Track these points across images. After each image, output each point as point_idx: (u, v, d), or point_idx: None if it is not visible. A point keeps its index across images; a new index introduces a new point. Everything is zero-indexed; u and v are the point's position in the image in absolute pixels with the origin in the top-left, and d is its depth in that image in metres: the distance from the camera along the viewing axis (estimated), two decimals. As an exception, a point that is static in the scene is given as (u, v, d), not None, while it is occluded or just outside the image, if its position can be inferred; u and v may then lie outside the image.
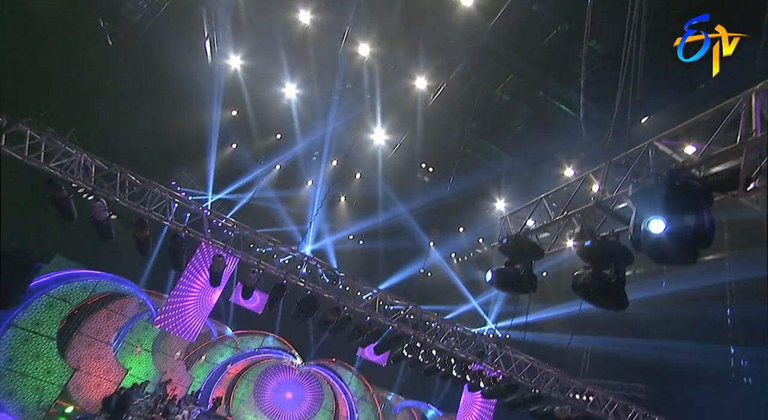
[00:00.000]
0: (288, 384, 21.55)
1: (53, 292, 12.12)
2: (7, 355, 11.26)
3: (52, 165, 6.85)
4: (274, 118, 16.96)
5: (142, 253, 8.31)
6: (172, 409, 14.74)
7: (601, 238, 4.89)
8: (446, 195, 15.19)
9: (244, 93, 15.92)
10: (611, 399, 9.25)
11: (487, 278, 5.93)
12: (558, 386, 9.21)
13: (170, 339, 18.01)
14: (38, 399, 11.16)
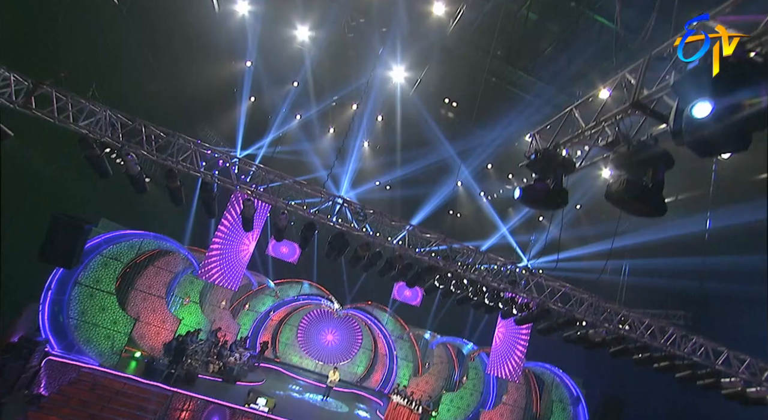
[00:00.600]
0: (328, 327, 22.89)
1: (105, 252, 12.99)
2: (78, 309, 12.46)
3: (81, 124, 6.95)
4: (289, 65, 16.46)
5: (177, 203, 8.59)
6: (224, 353, 16.04)
7: (637, 142, 4.56)
8: (473, 130, 14.71)
9: (255, 41, 15.39)
10: (647, 321, 9.27)
11: (516, 195, 5.76)
12: (592, 311, 9.26)
13: (215, 291, 19.27)
14: (111, 345, 12.40)
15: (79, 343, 12.33)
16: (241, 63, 17.26)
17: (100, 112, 6.98)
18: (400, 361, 21.76)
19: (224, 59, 16.61)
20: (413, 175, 19.78)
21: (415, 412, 15.75)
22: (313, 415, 14.34)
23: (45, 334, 11.87)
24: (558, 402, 15.23)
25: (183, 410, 12.04)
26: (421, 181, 19.85)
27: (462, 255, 8.95)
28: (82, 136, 6.89)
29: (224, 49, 15.92)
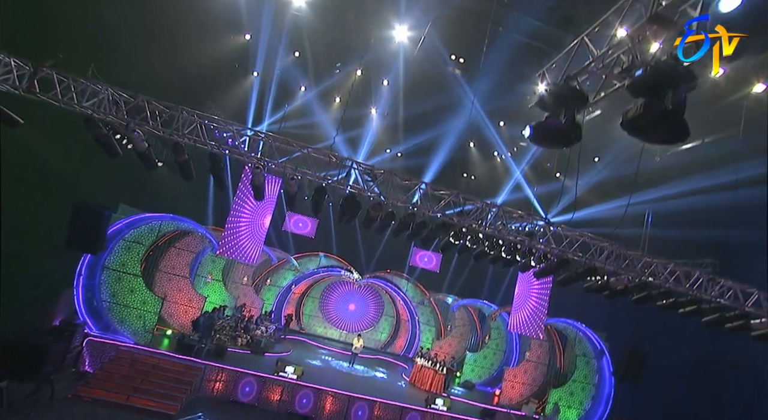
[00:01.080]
0: (349, 297, 23.34)
1: (128, 237, 13.31)
2: (109, 292, 12.98)
3: (86, 104, 6.90)
4: (288, 35, 15.98)
5: (187, 177, 8.61)
6: (251, 326, 16.55)
7: (655, 63, 4.21)
8: (482, 85, 14.16)
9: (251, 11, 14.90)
10: (671, 266, 9.01)
11: (526, 133, 5.50)
12: (613, 259, 9.04)
13: (236, 268, 19.73)
14: (143, 324, 12.93)
15: (114, 324, 12.86)
16: (240, 37, 16.86)
17: (102, 92, 6.91)
18: (422, 325, 22.17)
19: (222, 34, 16.21)
20: (424, 140, 19.40)
21: (440, 373, 16.12)
22: (341, 380, 14.81)
23: (82, 317, 12.41)
24: (581, 356, 15.35)
25: (216, 381, 12.58)
26: (432, 146, 19.48)
27: (476, 210, 8.77)
28: (87, 117, 6.85)
29: (221, 23, 15.51)
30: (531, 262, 9.59)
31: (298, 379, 12.97)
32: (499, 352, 19.29)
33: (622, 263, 9.07)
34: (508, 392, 16.59)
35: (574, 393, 14.94)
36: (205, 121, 7.36)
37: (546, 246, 9.13)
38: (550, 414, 14.57)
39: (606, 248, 9.09)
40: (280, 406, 12.65)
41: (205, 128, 7.35)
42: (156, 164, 8.49)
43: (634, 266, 9.08)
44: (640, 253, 9.17)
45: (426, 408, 13.47)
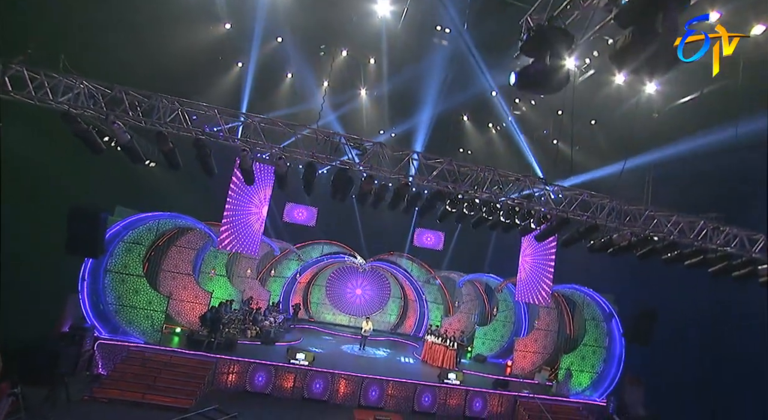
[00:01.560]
0: (355, 282, 23.37)
1: (126, 238, 13.21)
2: (114, 295, 12.96)
3: (61, 99, 6.67)
4: (269, 20, 15.51)
5: (174, 166, 8.41)
6: (259, 318, 16.59)
7: None
8: (470, 54, 13.79)
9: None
10: (674, 218, 8.83)
11: (511, 81, 5.26)
12: (614, 215, 8.86)
13: (239, 262, 19.70)
14: (151, 323, 12.95)
15: (122, 325, 12.88)
16: (220, 26, 16.40)
17: (77, 86, 6.66)
18: (430, 304, 22.25)
19: (201, 25, 15.75)
20: (417, 118, 19.07)
21: (451, 348, 16.19)
22: (352, 364, 14.90)
23: (90, 321, 12.43)
24: (591, 320, 15.37)
25: (229, 373, 12.65)
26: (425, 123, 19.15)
27: (471, 176, 8.58)
28: (63, 112, 6.63)
29: (199, 14, 15.03)
30: (531, 224, 9.41)
31: (309, 365, 13.03)
32: (508, 324, 19.37)
33: (624, 219, 8.90)
34: (520, 362, 16.69)
35: (585, 357, 15.02)
36: (186, 108, 7.12)
37: (545, 206, 8.95)
38: (563, 380, 14.68)
39: (606, 205, 8.90)
40: (294, 393, 12.74)
41: (187, 115, 7.12)
42: (142, 158, 8.27)
43: (636, 221, 8.90)
44: (642, 208, 8.98)
45: (439, 383, 13.56)
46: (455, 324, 20.50)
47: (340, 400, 12.88)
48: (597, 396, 14.61)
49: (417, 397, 13.19)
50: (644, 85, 13.78)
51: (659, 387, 14.27)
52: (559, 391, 14.52)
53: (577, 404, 14.03)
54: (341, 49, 17.11)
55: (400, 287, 23.60)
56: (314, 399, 12.69)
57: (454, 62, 14.95)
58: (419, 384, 13.38)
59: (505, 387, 14.05)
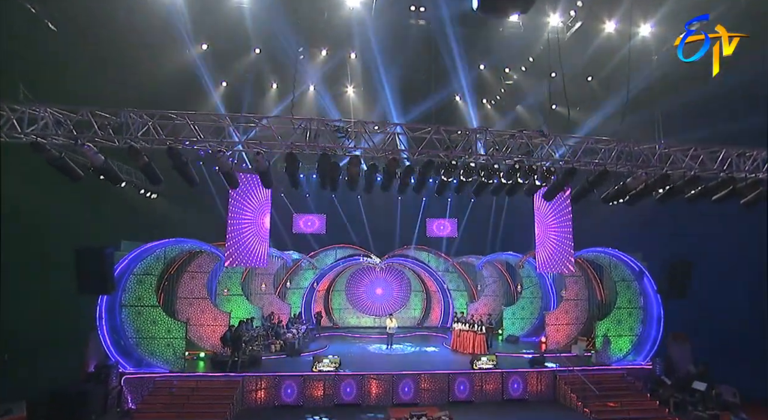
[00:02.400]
0: (374, 282, 23.00)
1: (136, 271, 13.16)
2: (133, 329, 12.95)
3: (28, 131, 6.49)
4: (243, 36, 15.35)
5: (154, 181, 8.20)
6: (281, 331, 16.36)
7: None
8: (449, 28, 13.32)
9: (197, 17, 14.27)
10: (692, 149, 8.10)
11: (474, 4, 4.78)
12: (624, 157, 8.21)
13: (253, 279, 19.55)
14: (173, 352, 12.87)
15: (145, 358, 12.80)
16: (198, 47, 16.30)
17: (41, 114, 6.48)
18: (453, 292, 21.73)
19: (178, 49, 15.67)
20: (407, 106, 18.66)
21: (480, 333, 15.69)
22: (382, 363, 14.54)
23: (114, 357, 12.41)
24: (621, 281, 14.61)
25: (257, 390, 12.42)
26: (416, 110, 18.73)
27: (462, 140, 8.09)
28: (32, 142, 6.46)
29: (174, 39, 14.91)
30: (535, 181, 8.80)
31: (336, 370, 12.71)
32: (535, 300, 18.74)
33: (636, 161, 8.23)
34: (554, 336, 16.05)
35: (621, 321, 14.30)
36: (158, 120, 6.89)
37: (547, 159, 8.34)
38: (601, 348, 14.01)
39: (615, 148, 8.22)
40: (326, 400, 12.43)
41: (159, 127, 6.88)
42: (120, 179, 8.11)
43: (649, 160, 8.19)
44: (654, 146, 8.24)
45: (472, 369, 13.07)
46: (482, 308, 19.92)
47: (374, 400, 12.51)
48: (641, 360, 13.91)
49: (452, 387, 12.73)
50: (637, 27, 13.04)
51: (706, 342, 13.47)
52: (599, 360, 13.87)
53: (620, 371, 13.36)
54: (320, 49, 16.83)
55: (420, 280, 23.15)
56: (347, 403, 12.36)
57: (435, 42, 14.51)
58: (452, 373, 12.92)
59: (542, 364, 13.48)
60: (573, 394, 12.25)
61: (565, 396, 12.56)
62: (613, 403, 11.83)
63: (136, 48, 13.60)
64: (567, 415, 11.81)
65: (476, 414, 11.91)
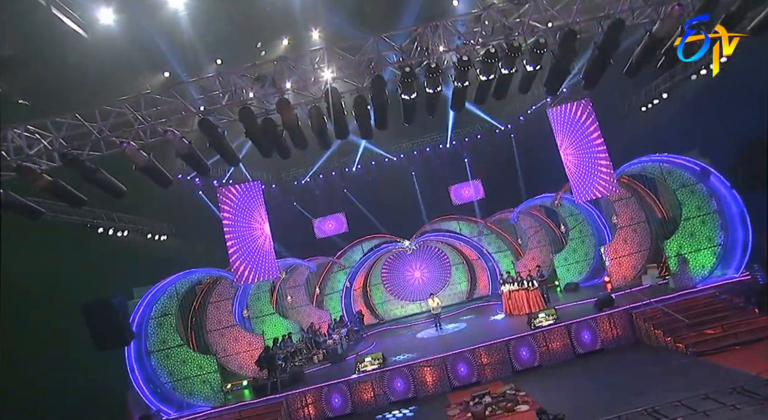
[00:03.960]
0: (410, 266, 21.58)
1: (153, 314, 12.62)
2: (165, 373, 12.42)
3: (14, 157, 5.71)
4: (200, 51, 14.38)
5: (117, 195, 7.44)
6: (320, 340, 15.32)
7: None
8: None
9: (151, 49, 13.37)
10: None
11: None
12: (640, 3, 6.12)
13: (284, 295, 18.72)
14: (210, 388, 12.21)
15: (184, 400, 12.18)
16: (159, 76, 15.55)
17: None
18: (495, 255, 19.91)
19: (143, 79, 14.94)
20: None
21: (532, 289, 13.89)
22: (431, 347, 13.17)
23: (155, 406, 11.86)
24: (681, 188, 12.15)
25: (304, 407, 11.41)
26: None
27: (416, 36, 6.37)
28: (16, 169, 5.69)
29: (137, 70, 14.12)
30: (525, 66, 6.86)
31: (381, 367, 11.44)
32: (586, 238, 16.56)
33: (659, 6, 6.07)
34: (618, 271, 13.96)
35: (694, 233, 11.94)
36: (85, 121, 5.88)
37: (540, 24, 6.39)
38: (678, 270, 11.80)
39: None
40: (378, 401, 11.21)
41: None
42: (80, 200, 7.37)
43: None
44: None
45: (531, 330, 11.37)
46: (531, 263, 17.91)
47: (430, 390, 11.14)
48: (733, 272, 11.55)
49: (513, 356, 11.11)
50: None
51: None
52: (680, 285, 11.69)
53: (710, 291, 11.12)
54: (280, 40, 15.56)
55: (458, 252, 21.47)
56: (401, 399, 11.06)
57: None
58: (508, 340, 11.27)
59: (610, 304, 11.53)
60: (657, 330, 10.25)
61: (648, 335, 10.58)
62: (713, 329, 9.73)
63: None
64: (657, 355, 9.85)
65: (547, 379, 10.22)
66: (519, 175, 20.83)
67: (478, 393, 9.53)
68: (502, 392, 9.41)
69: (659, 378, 8.56)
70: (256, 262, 11.91)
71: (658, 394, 7.66)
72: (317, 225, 22.69)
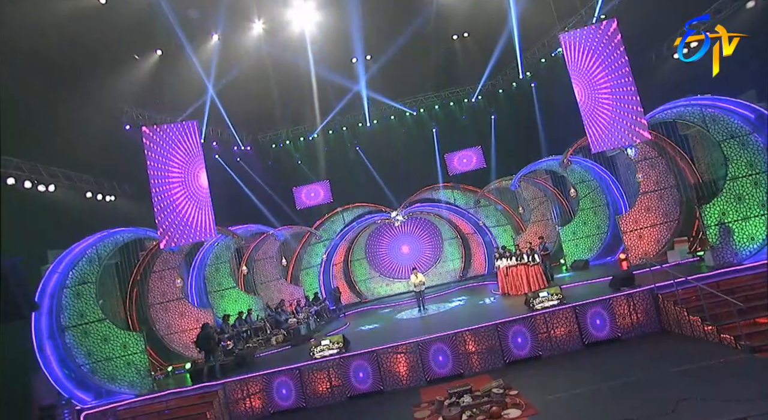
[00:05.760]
0: (397, 240, 19.31)
1: (69, 283, 10.49)
2: (82, 353, 10.30)
3: None
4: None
5: None
6: (282, 318, 13.16)
7: None
8: None
9: None
10: None
11: None
12: None
13: (252, 266, 16.57)
14: (135, 370, 10.14)
15: (105, 385, 10.12)
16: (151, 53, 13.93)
17: None
18: (493, 229, 17.54)
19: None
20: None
21: (533, 264, 11.56)
22: (410, 331, 10.98)
23: (67, 394, 9.78)
24: (728, 140, 9.48)
25: (246, 397, 9.29)
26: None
27: None
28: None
29: None
30: None
31: (341, 351, 9.24)
32: (599, 209, 14.09)
33: None
34: (638, 246, 11.56)
35: (743, 196, 9.39)
36: None
37: None
38: (719, 242, 9.35)
39: None
40: (335, 394, 9.05)
41: None
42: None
43: None
44: None
45: (531, 311, 9.08)
46: (534, 238, 15.53)
47: (404, 382, 8.96)
48: (792, 243, 9.11)
49: (506, 344, 8.85)
50: None
51: None
52: (721, 261, 9.26)
53: (762, 268, 8.63)
54: (210, 35, 13.72)
55: (451, 225, 19.10)
56: (364, 393, 8.89)
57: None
58: (501, 323, 8.98)
59: (631, 284, 9.16)
60: (693, 316, 7.88)
61: (679, 322, 8.22)
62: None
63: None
64: (693, 349, 7.51)
65: (546, 374, 7.95)
66: (531, 137, 18.10)
67: (456, 390, 7.29)
68: (487, 390, 7.16)
69: (701, 380, 6.24)
70: (187, 220, 9.62)
71: (704, 404, 5.36)
72: (298, 194, 20.43)
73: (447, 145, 19.79)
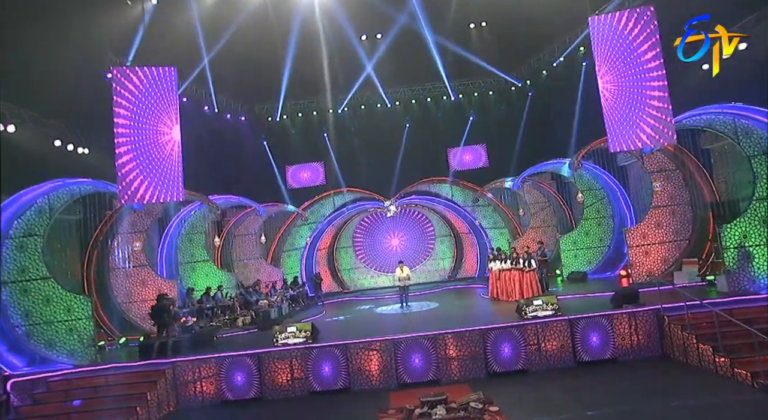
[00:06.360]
0: (388, 231, 18.37)
1: (13, 233, 9.35)
2: (20, 313, 9.24)
3: None
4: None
5: None
6: (252, 299, 12.19)
7: None
8: None
9: None
10: None
11: None
12: None
13: (230, 241, 15.59)
14: (77, 338, 9.13)
15: (41, 351, 9.09)
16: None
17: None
18: (489, 231, 16.65)
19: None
20: None
21: (528, 270, 10.67)
22: (387, 327, 10.08)
23: (-4, 358, 8.71)
24: (760, 156, 8.56)
25: (198, 380, 8.35)
26: None
27: None
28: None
29: None
30: None
31: (307, 341, 8.31)
32: (604, 220, 13.21)
33: None
34: (643, 263, 10.71)
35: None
36: None
37: None
38: (736, 265, 8.50)
39: None
40: (296, 387, 8.14)
41: None
42: None
43: None
44: None
45: (522, 319, 8.19)
46: (532, 244, 14.65)
47: (374, 383, 8.05)
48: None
49: (491, 352, 7.95)
50: None
51: None
52: (735, 287, 8.41)
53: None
54: None
55: (446, 222, 18.19)
56: (329, 390, 7.97)
57: None
58: (487, 329, 8.08)
59: (635, 301, 8.29)
60: (704, 344, 7.02)
61: (685, 348, 7.36)
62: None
63: None
64: (699, 381, 6.66)
65: (532, 390, 7.07)
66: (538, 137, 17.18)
67: (429, 398, 6.39)
68: (464, 403, 6.25)
69: (707, 418, 5.38)
70: (156, 177, 8.58)
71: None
72: (291, 173, 19.51)
73: (451, 140, 18.88)
